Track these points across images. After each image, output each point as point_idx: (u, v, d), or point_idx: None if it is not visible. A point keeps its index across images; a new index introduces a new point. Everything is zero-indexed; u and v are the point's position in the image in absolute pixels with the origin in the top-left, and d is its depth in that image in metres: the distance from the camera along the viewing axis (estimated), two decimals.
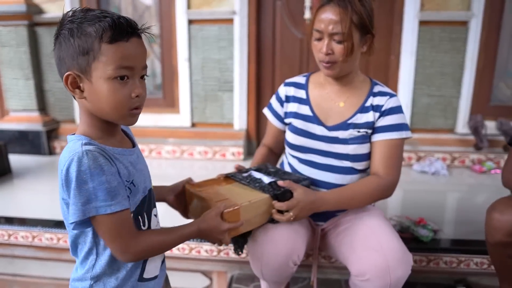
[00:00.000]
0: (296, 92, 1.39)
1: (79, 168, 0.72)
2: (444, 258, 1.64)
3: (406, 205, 2.19)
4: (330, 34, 1.18)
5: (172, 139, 3.07)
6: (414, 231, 1.69)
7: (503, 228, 1.24)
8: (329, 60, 1.20)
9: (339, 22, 1.15)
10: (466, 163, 2.82)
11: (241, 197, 1.12)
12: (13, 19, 2.94)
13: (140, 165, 0.88)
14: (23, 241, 1.85)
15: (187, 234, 0.90)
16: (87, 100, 0.79)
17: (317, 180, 1.32)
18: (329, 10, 1.17)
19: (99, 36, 0.75)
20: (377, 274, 1.11)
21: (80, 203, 0.74)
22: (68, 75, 0.77)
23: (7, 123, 3.13)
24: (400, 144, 1.27)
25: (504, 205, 1.27)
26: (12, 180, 2.53)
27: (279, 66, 3.06)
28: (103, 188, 0.74)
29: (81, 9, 0.79)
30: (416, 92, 2.89)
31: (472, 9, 2.72)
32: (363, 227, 1.23)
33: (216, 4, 2.91)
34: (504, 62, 2.89)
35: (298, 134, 1.35)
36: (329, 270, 1.74)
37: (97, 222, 0.77)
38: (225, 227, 0.98)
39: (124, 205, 0.77)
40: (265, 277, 1.29)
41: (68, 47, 0.76)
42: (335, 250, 1.33)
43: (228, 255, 1.73)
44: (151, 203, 0.91)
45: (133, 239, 0.80)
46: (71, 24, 0.76)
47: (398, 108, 1.28)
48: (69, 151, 0.75)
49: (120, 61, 0.76)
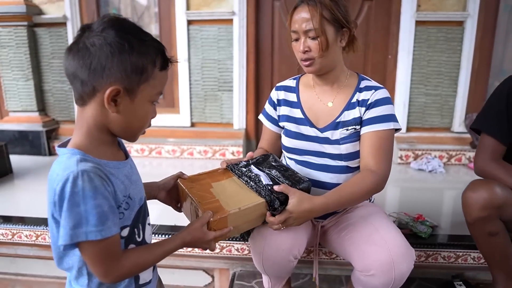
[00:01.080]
0: (287, 95, 1.40)
1: (73, 190, 0.70)
2: (442, 253, 1.67)
3: (404, 202, 2.22)
4: (304, 32, 1.21)
5: (172, 139, 3.09)
6: (412, 227, 1.72)
7: (477, 203, 1.31)
8: (307, 57, 1.23)
9: (311, 19, 1.19)
10: (462, 161, 2.87)
11: (232, 200, 1.07)
12: (12, 20, 2.96)
13: (135, 176, 0.87)
14: (27, 240, 1.86)
15: (170, 249, 0.88)
16: (118, 115, 0.77)
17: (314, 180, 1.33)
18: (301, 10, 1.21)
19: (153, 61, 0.77)
20: (381, 269, 1.12)
21: (69, 227, 0.71)
22: (115, 88, 0.74)
23: (7, 124, 3.14)
24: (388, 135, 1.24)
25: (475, 184, 1.36)
26: (13, 181, 2.54)
27: (277, 66, 3.09)
28: (95, 213, 0.71)
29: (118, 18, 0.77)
30: (413, 91, 2.94)
31: (467, 10, 2.77)
32: (366, 224, 1.24)
33: (215, 5, 2.93)
34: (499, 61, 2.94)
35: (291, 137, 1.36)
36: (330, 266, 1.76)
37: (83, 247, 0.74)
38: (210, 236, 0.94)
39: (113, 231, 0.75)
40: (266, 271, 1.31)
41: (120, 60, 0.73)
42: (338, 247, 1.35)
43: (230, 252, 1.76)
44: (145, 213, 0.90)
45: (117, 262, 0.78)
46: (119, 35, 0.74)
47: (385, 99, 1.26)
48: (63, 169, 0.72)
49: (162, 88, 0.82)
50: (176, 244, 0.89)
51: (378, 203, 1.54)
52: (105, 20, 0.75)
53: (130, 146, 3.04)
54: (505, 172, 1.35)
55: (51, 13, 3.08)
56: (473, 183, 1.37)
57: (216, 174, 1.23)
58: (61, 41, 3.08)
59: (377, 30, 2.98)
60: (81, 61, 0.73)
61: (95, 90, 0.75)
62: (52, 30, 3.07)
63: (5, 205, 2.14)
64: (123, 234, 0.82)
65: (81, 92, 0.76)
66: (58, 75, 3.11)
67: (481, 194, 1.31)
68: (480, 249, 1.44)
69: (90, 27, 0.75)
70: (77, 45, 0.74)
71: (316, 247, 1.41)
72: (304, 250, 1.32)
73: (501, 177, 1.35)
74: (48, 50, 3.10)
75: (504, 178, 1.34)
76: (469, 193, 1.35)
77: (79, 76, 0.74)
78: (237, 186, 1.16)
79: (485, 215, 1.31)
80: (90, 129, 0.78)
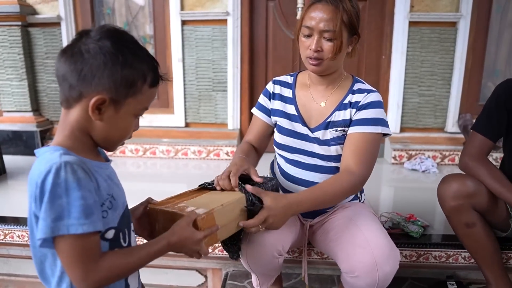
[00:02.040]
0: (282, 90, 1.40)
1: (55, 181, 0.68)
2: (434, 253, 1.68)
3: (396, 201, 2.24)
4: (320, 31, 1.19)
5: (166, 139, 3.09)
6: (404, 226, 1.73)
7: (448, 193, 1.40)
8: (317, 56, 1.21)
9: (331, 20, 1.16)
10: (456, 161, 2.88)
11: (212, 203, 1.02)
12: (6, 20, 2.94)
13: (116, 179, 0.86)
14: (19, 240, 1.86)
15: (155, 251, 0.82)
16: (101, 123, 0.77)
17: (303, 179, 1.34)
18: (321, 7, 1.18)
19: (144, 77, 0.78)
20: (365, 271, 1.13)
21: (50, 219, 0.68)
22: (101, 98, 0.74)
23: (1, 124, 3.13)
24: (374, 139, 1.24)
25: (447, 177, 1.46)
26: (6, 181, 2.53)
27: (271, 66, 3.10)
28: (78, 205, 0.69)
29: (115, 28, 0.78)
30: (406, 91, 2.95)
31: (460, 10, 2.79)
32: (351, 225, 1.25)
33: (209, 5, 2.94)
34: (492, 62, 2.96)
35: (284, 134, 1.36)
36: (322, 266, 1.77)
37: (61, 242, 0.70)
38: (200, 235, 0.88)
39: (97, 226, 0.71)
40: (252, 268, 1.31)
41: (111, 71, 0.74)
42: (325, 247, 1.36)
43: (223, 252, 1.76)
44: (129, 219, 0.88)
45: (94, 265, 0.72)
46: (115, 47, 0.74)
47: (377, 103, 1.26)
48: (45, 162, 0.70)
49: (148, 103, 0.83)
50: (161, 246, 0.83)
51: (371, 202, 1.55)
52: (104, 30, 0.76)
53: (124, 147, 3.04)
54: (486, 172, 1.37)
55: (45, 13, 3.07)
56: (446, 176, 1.46)
57: (184, 195, 1.15)
58: (55, 41, 3.07)
59: (370, 31, 2.99)
60: (73, 65, 0.73)
61: (82, 96, 0.75)
62: (46, 30, 3.06)
63: None
64: (108, 236, 0.80)
65: (68, 95, 0.76)
66: (52, 75, 3.10)
67: (452, 185, 1.40)
68: (463, 243, 1.49)
69: (88, 34, 0.75)
70: (72, 49, 0.75)
71: (304, 246, 1.41)
72: (289, 246, 1.32)
73: (481, 175, 1.39)
74: (42, 50, 3.09)
75: (483, 177, 1.38)
76: (441, 185, 1.45)
77: (68, 80, 0.74)
78: (213, 194, 1.14)
79: (457, 204, 1.39)
80: (74, 132, 0.78)
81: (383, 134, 1.27)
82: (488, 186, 1.36)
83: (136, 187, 2.29)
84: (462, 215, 1.40)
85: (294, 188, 1.36)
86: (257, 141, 1.45)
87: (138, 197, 1.06)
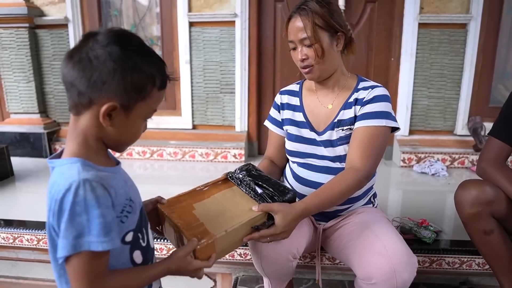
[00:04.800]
0: (290, 99, 1.43)
1: (74, 199, 0.69)
2: (447, 259, 1.66)
3: (407, 206, 2.21)
4: (300, 41, 1.24)
5: (173, 141, 3.07)
6: (416, 232, 1.71)
7: (467, 200, 1.36)
8: (306, 65, 1.26)
9: (304, 28, 1.22)
10: (465, 164, 2.85)
11: (217, 220, 1.02)
12: (14, 22, 2.94)
13: (130, 181, 0.87)
14: (28, 244, 1.85)
15: (156, 274, 0.85)
16: (111, 129, 0.77)
17: (315, 182, 1.34)
18: (294, 20, 1.25)
19: (154, 80, 0.77)
20: (383, 278, 1.12)
21: (71, 237, 0.69)
22: (112, 105, 0.74)
23: (8, 126, 3.13)
24: (380, 132, 1.23)
25: (466, 183, 1.40)
26: (14, 183, 2.53)
27: (279, 68, 3.08)
28: (97, 223, 0.69)
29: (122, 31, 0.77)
30: (415, 93, 2.92)
31: (471, 12, 2.75)
32: (367, 231, 1.23)
33: (217, 7, 2.92)
34: (502, 64, 2.92)
35: (293, 141, 1.39)
36: (333, 271, 1.75)
37: (74, 258, 0.70)
38: (196, 266, 0.90)
39: (115, 243, 0.73)
40: (265, 272, 1.30)
41: (121, 78, 0.73)
42: (340, 254, 1.35)
43: (233, 257, 1.75)
44: (146, 218, 0.90)
45: (103, 283, 0.74)
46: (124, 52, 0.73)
47: (382, 96, 1.26)
48: (65, 178, 0.71)
49: (157, 106, 0.83)
50: (161, 270, 0.86)
51: (380, 206, 1.53)
52: (112, 34, 0.74)
53: (131, 148, 3.03)
54: (504, 177, 1.35)
55: (53, 14, 3.07)
56: (464, 182, 1.42)
57: (196, 194, 1.16)
58: (62, 43, 3.07)
59: (379, 32, 2.97)
60: (82, 72, 0.72)
61: (92, 103, 0.74)
62: (53, 31, 3.06)
63: (6, 208, 2.13)
64: (127, 239, 0.81)
65: (77, 102, 0.75)
66: (59, 77, 3.08)
67: (471, 192, 1.36)
68: (479, 250, 1.45)
69: (95, 37, 0.73)
70: (79, 54, 0.73)
71: (318, 250, 1.40)
72: (303, 250, 1.32)
73: (499, 181, 1.36)
74: (50, 52, 3.09)
75: (502, 182, 1.36)
76: (460, 191, 1.40)
77: (77, 86, 0.73)
78: (221, 204, 1.11)
79: (475, 211, 1.35)
80: (87, 139, 0.77)
81: (391, 129, 1.26)
82: (507, 192, 1.34)
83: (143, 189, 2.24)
84: (480, 222, 1.37)
85: (307, 191, 1.35)
86: (276, 154, 1.49)
87: (145, 199, 1.07)
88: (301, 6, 1.25)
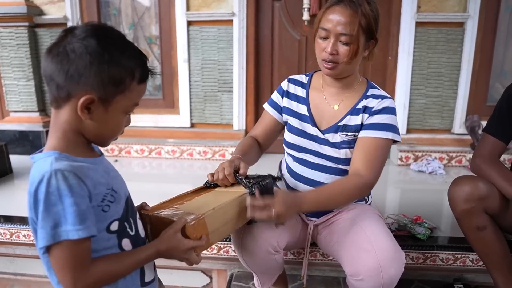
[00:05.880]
0: (296, 90, 1.39)
1: (48, 189, 0.69)
2: (441, 256, 1.67)
3: (403, 203, 2.22)
4: (337, 35, 1.17)
5: (171, 140, 3.09)
6: (411, 228, 1.72)
7: (460, 196, 1.38)
8: (332, 59, 1.20)
9: (348, 24, 1.14)
10: (463, 163, 2.85)
11: (204, 207, 0.99)
12: (13, 21, 2.96)
13: (113, 172, 0.86)
14: (25, 240, 1.87)
15: (144, 258, 0.83)
16: (91, 122, 0.77)
17: (309, 178, 1.34)
18: (339, 10, 1.16)
19: (132, 74, 0.77)
20: (369, 274, 1.12)
21: (49, 227, 0.69)
22: (89, 97, 0.74)
23: (8, 124, 3.15)
24: (385, 145, 1.24)
25: (459, 179, 1.43)
26: (13, 181, 2.55)
27: (277, 67, 3.09)
28: (71, 211, 0.70)
29: (100, 25, 0.77)
30: (413, 92, 2.93)
31: (468, 11, 2.76)
32: (355, 227, 1.24)
33: (215, 6, 2.94)
34: (500, 63, 2.93)
35: (293, 133, 1.36)
36: (327, 268, 1.76)
37: (55, 248, 0.71)
38: (187, 245, 0.87)
39: (91, 231, 0.73)
40: (248, 265, 1.32)
41: (98, 70, 0.73)
42: (330, 249, 1.35)
43: (228, 253, 1.75)
44: (133, 207, 0.90)
45: (84, 271, 0.74)
46: (100, 45, 0.73)
47: (390, 109, 1.27)
48: (38, 171, 0.72)
49: (138, 99, 0.82)
50: (150, 253, 0.84)
51: (377, 204, 1.53)
52: (89, 28, 0.75)
53: (130, 147, 3.04)
54: (498, 174, 1.36)
55: (52, 13, 3.09)
56: (457, 179, 1.44)
57: (178, 198, 1.13)
58: None
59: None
60: (59, 65, 0.73)
61: (70, 96, 0.75)
62: (53, 30, 3.07)
63: (5, 205, 2.14)
64: (112, 228, 0.81)
65: (56, 96, 0.76)
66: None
67: (464, 188, 1.37)
68: (472, 246, 1.46)
69: (73, 32, 0.74)
70: (57, 48, 0.74)
71: (307, 247, 1.41)
72: (286, 244, 1.32)
73: (493, 177, 1.37)
74: None
75: (495, 179, 1.36)
76: (453, 188, 1.42)
77: (55, 80, 0.74)
78: (205, 201, 1.09)
79: (469, 207, 1.36)
80: (66, 133, 0.78)
81: (393, 140, 1.26)
82: (500, 188, 1.34)
83: (141, 188, 2.28)
84: (473, 218, 1.37)
85: (300, 187, 1.37)
86: (263, 136, 1.44)
87: (143, 197, 1.06)
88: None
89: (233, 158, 1.22)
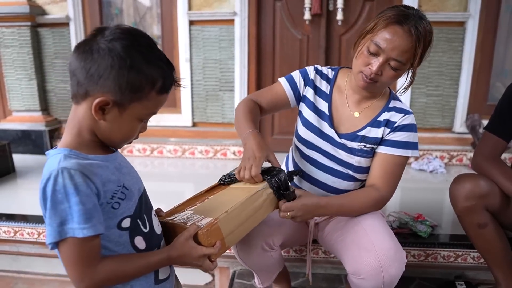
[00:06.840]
0: (322, 84, 1.33)
1: (54, 187, 0.71)
2: (442, 253, 1.68)
3: (404, 201, 2.22)
4: (389, 58, 1.10)
5: (173, 139, 3.10)
6: (412, 226, 1.73)
7: (461, 193, 1.39)
8: (374, 78, 1.15)
9: (406, 52, 1.09)
10: (464, 161, 2.86)
11: (223, 205, 0.96)
12: (16, 20, 2.98)
13: (126, 168, 0.85)
14: (29, 237, 1.88)
15: (155, 262, 0.83)
16: (104, 123, 0.78)
17: (315, 179, 1.33)
18: (401, 35, 1.08)
19: (153, 83, 0.77)
20: (370, 273, 1.13)
21: (55, 224, 0.71)
22: (104, 99, 0.74)
23: (10, 123, 3.17)
24: (403, 162, 1.24)
25: (460, 177, 1.44)
26: (15, 180, 2.56)
27: (279, 66, 3.10)
28: (77, 210, 0.71)
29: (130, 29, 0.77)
30: (414, 91, 2.93)
31: (469, 10, 2.77)
32: (357, 227, 1.23)
33: (217, 5, 2.95)
34: (500, 62, 2.94)
35: (308, 129, 1.31)
36: (329, 265, 1.77)
37: (63, 244, 0.73)
38: (200, 252, 0.85)
39: (98, 229, 0.73)
40: (245, 262, 1.32)
41: (117, 74, 0.73)
42: (331, 247, 1.36)
43: (230, 250, 1.76)
44: (148, 204, 0.89)
45: (93, 268, 0.75)
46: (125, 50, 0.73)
47: (411, 126, 1.24)
48: (47, 168, 0.74)
49: (155, 109, 0.82)
50: (161, 258, 0.84)
51: None
52: (118, 30, 0.75)
53: (131, 146, 3.06)
54: (499, 172, 1.37)
55: (54, 13, 3.10)
56: (458, 176, 1.45)
57: (192, 200, 1.10)
58: (64, 41, 3.10)
59: None
60: (83, 62, 0.74)
61: (87, 94, 0.75)
62: (55, 30, 3.09)
63: (8, 203, 2.16)
64: (124, 225, 0.81)
65: (76, 91, 0.77)
66: (61, 75, 3.14)
67: (465, 185, 1.39)
68: (473, 243, 1.47)
69: (103, 32, 0.75)
70: (85, 45, 0.75)
71: (309, 244, 1.40)
72: (282, 241, 1.33)
73: (494, 175, 1.38)
74: (51, 50, 3.12)
75: (496, 176, 1.37)
76: (454, 185, 1.43)
77: (76, 76, 0.75)
78: (219, 200, 1.07)
79: (470, 205, 1.37)
80: (80, 130, 0.79)
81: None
82: (501, 186, 1.35)
83: None
84: (474, 215, 1.38)
85: (304, 185, 1.35)
86: (266, 104, 1.37)
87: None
88: (416, 24, 1.08)
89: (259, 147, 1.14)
